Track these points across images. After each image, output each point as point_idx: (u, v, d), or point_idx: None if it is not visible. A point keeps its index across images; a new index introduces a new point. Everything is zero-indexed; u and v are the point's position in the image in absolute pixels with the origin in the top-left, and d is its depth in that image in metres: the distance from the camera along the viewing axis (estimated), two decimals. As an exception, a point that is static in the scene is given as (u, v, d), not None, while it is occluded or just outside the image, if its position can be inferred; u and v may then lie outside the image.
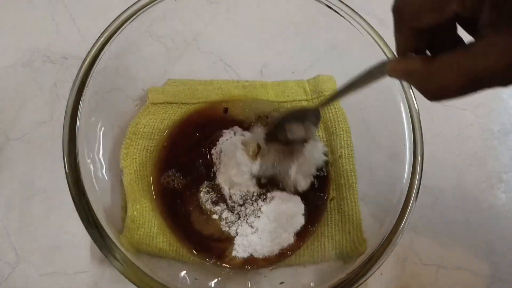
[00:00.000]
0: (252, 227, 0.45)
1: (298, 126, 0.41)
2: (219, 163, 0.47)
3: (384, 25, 0.61)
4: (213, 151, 0.48)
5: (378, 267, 0.37)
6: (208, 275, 0.44)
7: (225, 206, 0.46)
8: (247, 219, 0.45)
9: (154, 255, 0.43)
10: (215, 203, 0.46)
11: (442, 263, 0.49)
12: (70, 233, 0.47)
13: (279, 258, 0.45)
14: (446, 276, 0.49)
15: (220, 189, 0.46)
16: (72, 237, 0.47)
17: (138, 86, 0.49)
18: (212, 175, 0.47)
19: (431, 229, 0.51)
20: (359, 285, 0.37)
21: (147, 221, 0.44)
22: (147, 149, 0.47)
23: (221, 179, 0.47)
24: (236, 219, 0.46)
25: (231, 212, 0.46)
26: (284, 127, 0.41)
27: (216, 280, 0.43)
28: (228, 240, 0.45)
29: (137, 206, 0.44)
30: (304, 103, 0.51)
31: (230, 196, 0.46)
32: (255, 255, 0.44)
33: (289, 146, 0.44)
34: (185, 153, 0.48)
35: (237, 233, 0.45)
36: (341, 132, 0.49)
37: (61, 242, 0.47)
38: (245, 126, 0.50)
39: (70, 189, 0.36)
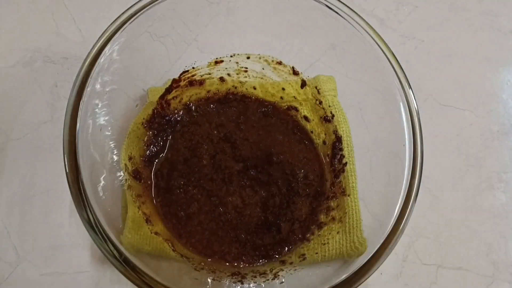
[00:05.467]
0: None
1: None
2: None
3: (384, 25, 0.61)
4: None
5: (378, 267, 0.37)
6: (208, 275, 0.44)
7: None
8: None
9: (155, 255, 0.43)
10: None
11: (442, 263, 0.49)
12: (71, 233, 0.47)
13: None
14: (446, 276, 0.49)
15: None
16: (73, 237, 0.47)
17: (139, 86, 0.49)
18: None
19: (431, 229, 0.51)
20: (359, 285, 0.37)
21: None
22: (148, 149, 0.48)
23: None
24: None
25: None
26: None
27: (216, 280, 0.43)
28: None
29: (137, 206, 0.44)
30: (302, 104, 0.51)
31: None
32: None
33: None
34: (186, 153, 0.48)
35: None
36: (341, 133, 0.49)
37: (62, 242, 0.47)
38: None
39: (70, 189, 0.36)
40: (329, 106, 0.50)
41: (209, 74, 0.51)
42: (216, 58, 0.50)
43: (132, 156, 0.46)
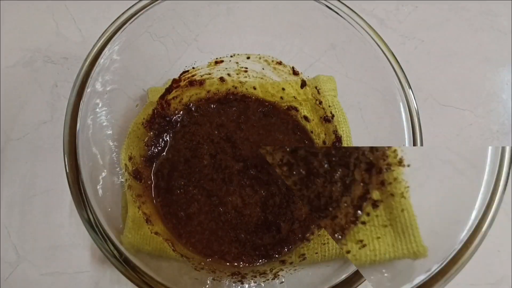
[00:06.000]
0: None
1: None
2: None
3: (384, 25, 0.61)
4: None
5: (378, 267, 0.37)
6: (208, 275, 0.44)
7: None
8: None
9: (155, 255, 0.43)
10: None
11: (442, 263, 0.49)
12: (71, 233, 0.47)
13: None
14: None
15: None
16: (73, 237, 0.47)
17: (139, 86, 0.49)
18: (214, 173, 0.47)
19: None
20: (359, 285, 0.37)
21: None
22: (148, 149, 0.48)
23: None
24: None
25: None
26: None
27: (216, 280, 0.43)
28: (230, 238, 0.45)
29: (137, 206, 0.44)
30: (302, 104, 0.51)
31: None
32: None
33: None
34: (186, 153, 0.48)
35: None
36: (341, 133, 0.49)
37: (62, 241, 0.47)
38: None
39: (70, 189, 0.36)
40: (329, 106, 0.50)
41: (209, 74, 0.51)
42: (216, 58, 0.50)
43: (132, 156, 0.46)
